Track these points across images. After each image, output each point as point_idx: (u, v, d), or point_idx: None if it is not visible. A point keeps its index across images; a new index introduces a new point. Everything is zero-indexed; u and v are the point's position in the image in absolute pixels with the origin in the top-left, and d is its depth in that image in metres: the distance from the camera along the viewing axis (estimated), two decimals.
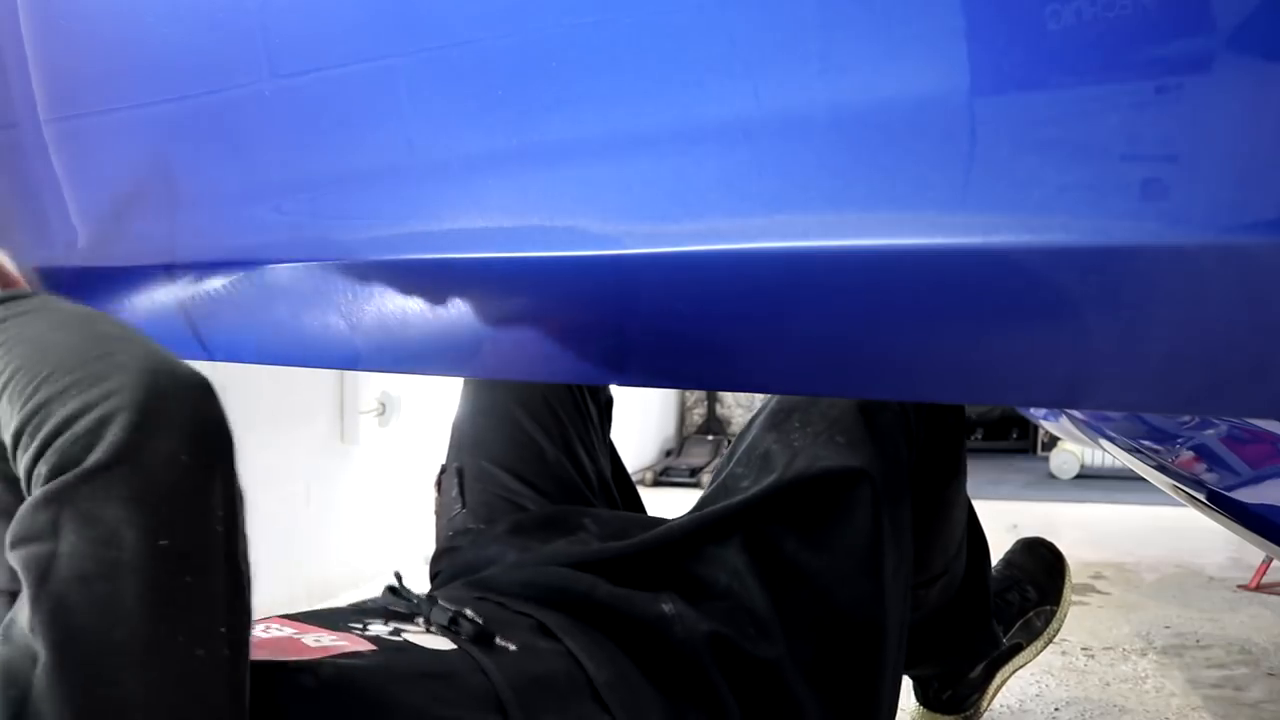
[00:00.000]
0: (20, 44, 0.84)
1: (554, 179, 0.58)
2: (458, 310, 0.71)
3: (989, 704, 1.31)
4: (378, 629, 0.67)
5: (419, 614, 0.70)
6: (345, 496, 1.97)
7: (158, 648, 0.45)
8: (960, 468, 1.04)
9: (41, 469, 0.47)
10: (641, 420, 3.81)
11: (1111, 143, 0.43)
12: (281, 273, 0.75)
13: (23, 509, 0.47)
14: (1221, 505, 1.07)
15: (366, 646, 0.62)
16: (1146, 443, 1.27)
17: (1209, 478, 1.07)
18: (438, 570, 0.94)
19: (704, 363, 0.66)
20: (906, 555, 0.87)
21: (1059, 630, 1.32)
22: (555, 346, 0.72)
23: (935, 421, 0.95)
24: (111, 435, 0.46)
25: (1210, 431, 1.01)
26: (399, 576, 0.76)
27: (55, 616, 0.45)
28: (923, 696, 1.28)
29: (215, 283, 0.80)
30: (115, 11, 0.78)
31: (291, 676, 0.56)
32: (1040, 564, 1.34)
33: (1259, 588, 2.02)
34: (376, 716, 0.57)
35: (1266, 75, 0.40)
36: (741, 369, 0.66)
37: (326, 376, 1.93)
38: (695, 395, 4.44)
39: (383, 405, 2.09)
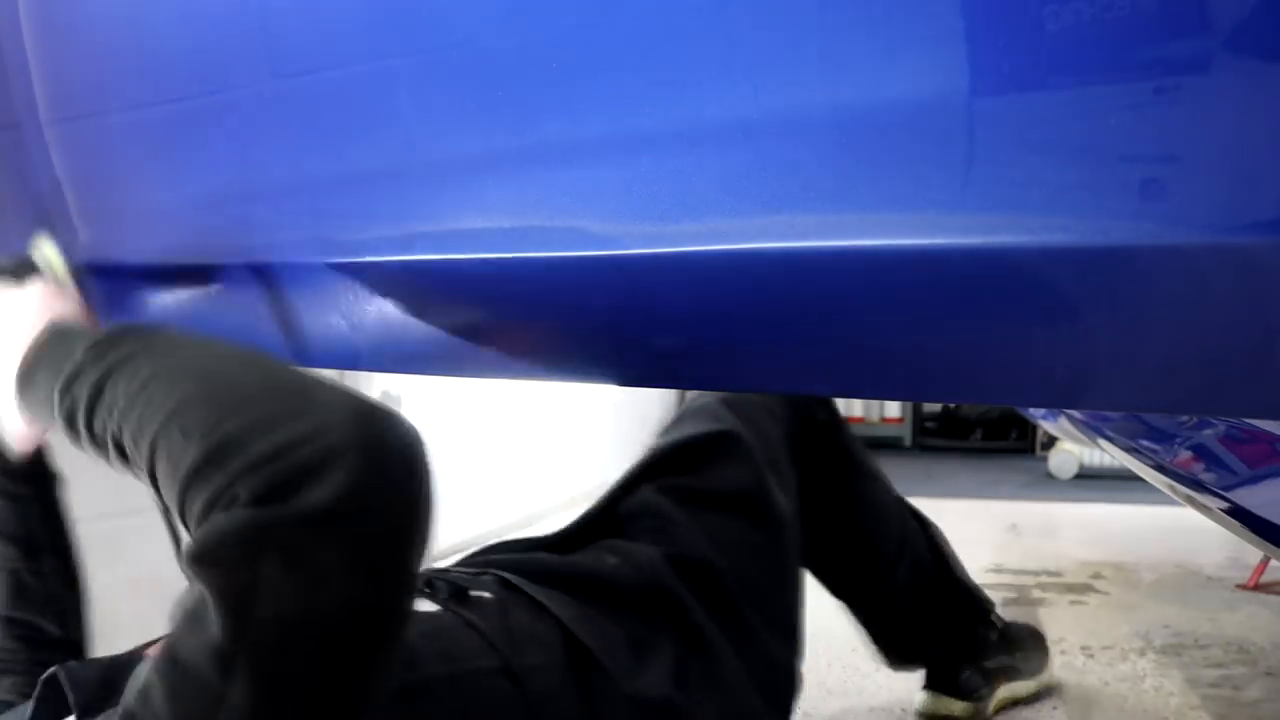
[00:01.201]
0: (21, 44, 0.84)
1: (554, 179, 0.58)
2: (458, 310, 0.71)
3: (993, 710, 1.32)
4: None
5: None
6: None
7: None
8: (855, 462, 1.18)
9: (240, 492, 0.47)
10: (641, 420, 3.80)
11: (1111, 143, 0.43)
12: (282, 272, 0.75)
13: (216, 528, 0.47)
14: (1221, 505, 1.07)
15: None
16: (1146, 443, 1.27)
17: (1208, 478, 1.07)
18: None
19: (704, 363, 0.66)
20: (790, 487, 1.05)
21: (1049, 681, 1.43)
22: (555, 347, 0.72)
23: (804, 415, 1.12)
24: (337, 476, 0.47)
25: (1209, 431, 1.01)
26: None
27: (260, 656, 0.47)
28: (931, 680, 1.31)
29: (215, 282, 0.80)
30: (116, 12, 0.78)
31: None
32: (1025, 631, 1.43)
33: (1257, 587, 2.02)
34: (407, 672, 0.66)
35: (1266, 75, 0.40)
36: (742, 369, 0.66)
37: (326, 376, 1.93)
38: (695, 396, 4.43)
39: None
